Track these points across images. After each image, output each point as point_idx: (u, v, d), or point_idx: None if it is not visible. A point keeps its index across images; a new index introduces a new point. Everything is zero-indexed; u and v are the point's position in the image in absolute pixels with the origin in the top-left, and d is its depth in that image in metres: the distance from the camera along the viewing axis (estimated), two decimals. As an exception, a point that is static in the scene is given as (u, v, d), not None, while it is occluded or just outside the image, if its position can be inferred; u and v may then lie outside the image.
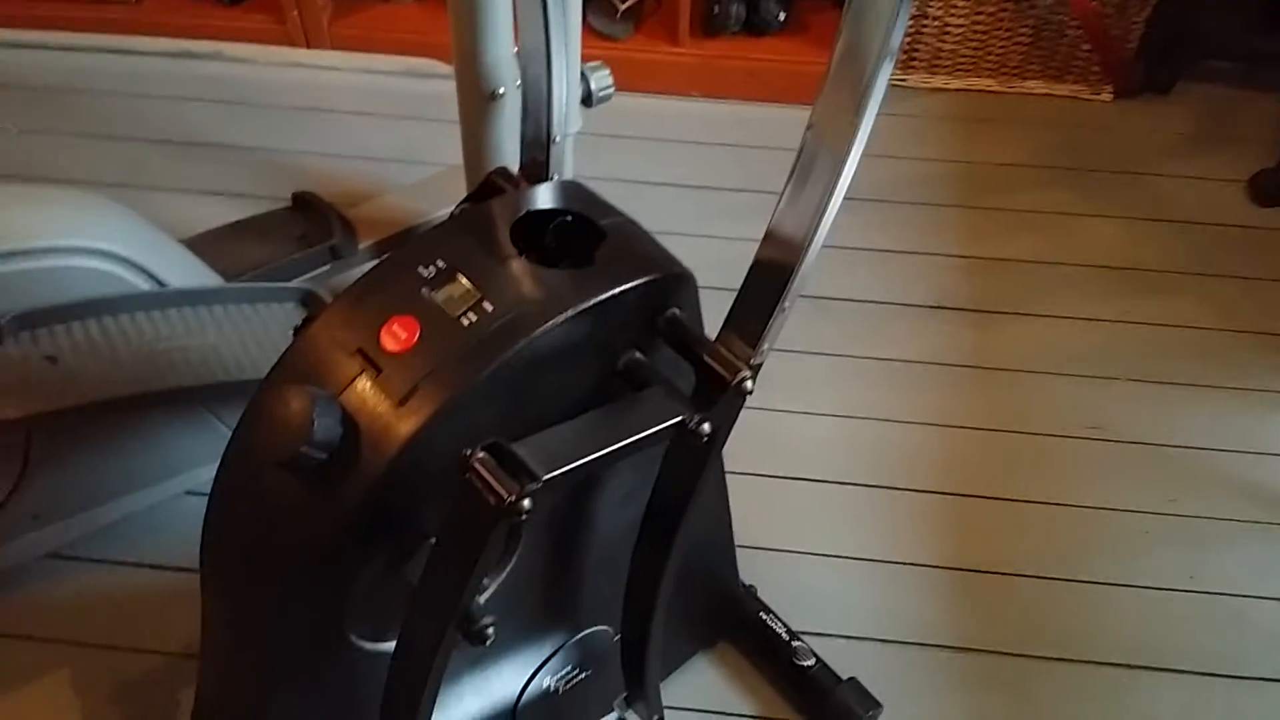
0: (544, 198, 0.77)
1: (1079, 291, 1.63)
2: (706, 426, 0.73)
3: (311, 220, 1.53)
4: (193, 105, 1.90)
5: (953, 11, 1.79)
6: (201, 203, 1.72)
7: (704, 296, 1.63)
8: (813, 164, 0.70)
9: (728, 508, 1.08)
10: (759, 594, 1.27)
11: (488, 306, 0.70)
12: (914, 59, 1.88)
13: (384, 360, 0.69)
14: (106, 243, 1.13)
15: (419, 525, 0.72)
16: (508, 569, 0.84)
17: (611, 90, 1.17)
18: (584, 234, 0.76)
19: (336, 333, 0.72)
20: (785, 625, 1.23)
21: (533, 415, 0.71)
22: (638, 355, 0.77)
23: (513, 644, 0.95)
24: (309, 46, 1.96)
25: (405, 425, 0.67)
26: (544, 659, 0.98)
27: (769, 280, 0.74)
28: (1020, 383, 1.52)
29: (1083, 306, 1.61)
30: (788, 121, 1.88)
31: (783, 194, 0.73)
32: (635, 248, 0.76)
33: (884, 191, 1.77)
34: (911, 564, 1.33)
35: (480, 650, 0.91)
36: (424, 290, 0.71)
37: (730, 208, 1.74)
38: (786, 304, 0.74)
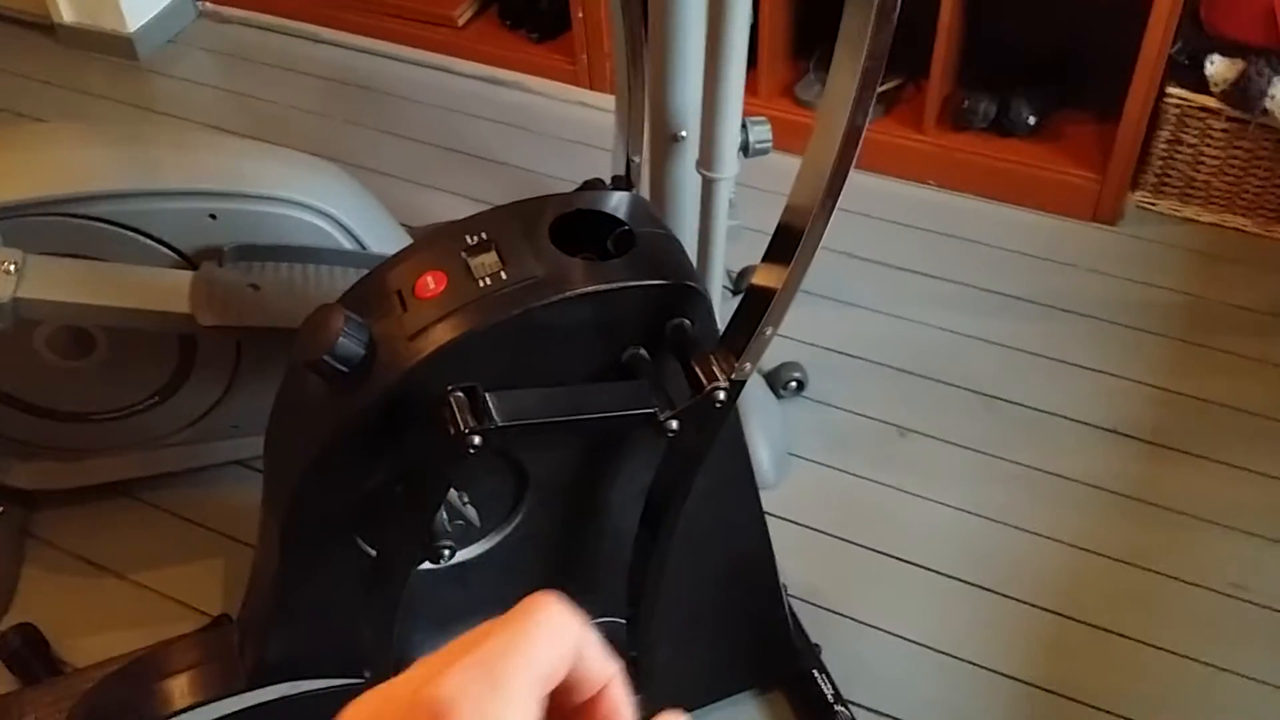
0: (595, 202, 0.87)
1: (1268, 446, 1.52)
2: (674, 424, 0.80)
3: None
4: (484, 123, 2.15)
5: (1209, 142, 1.72)
6: (460, 204, 1.96)
7: (877, 374, 1.71)
8: (795, 214, 0.77)
9: (768, 546, 1.12)
10: (822, 654, 1.28)
11: (504, 275, 0.81)
12: (1165, 185, 1.81)
13: (412, 302, 0.82)
14: (324, 203, 1.34)
15: (413, 448, 0.83)
16: (512, 524, 0.94)
17: (769, 144, 1.25)
18: (622, 237, 0.86)
19: (392, 274, 0.85)
20: (835, 688, 1.25)
21: (534, 379, 0.82)
22: (642, 353, 0.85)
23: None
24: (592, 88, 2.17)
25: (410, 357, 0.80)
26: (559, 630, 1.06)
27: (755, 307, 0.80)
28: (1172, 524, 1.44)
29: (1266, 462, 1.49)
30: (1019, 224, 1.87)
31: (773, 237, 0.80)
32: (659, 256, 0.84)
33: (1099, 309, 1.72)
34: (989, 669, 1.30)
35: (493, 601, 1.01)
36: (462, 254, 0.83)
37: (933, 296, 1.76)
38: (767, 331, 0.80)
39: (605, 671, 0.34)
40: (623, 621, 1.07)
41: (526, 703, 0.30)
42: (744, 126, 1.24)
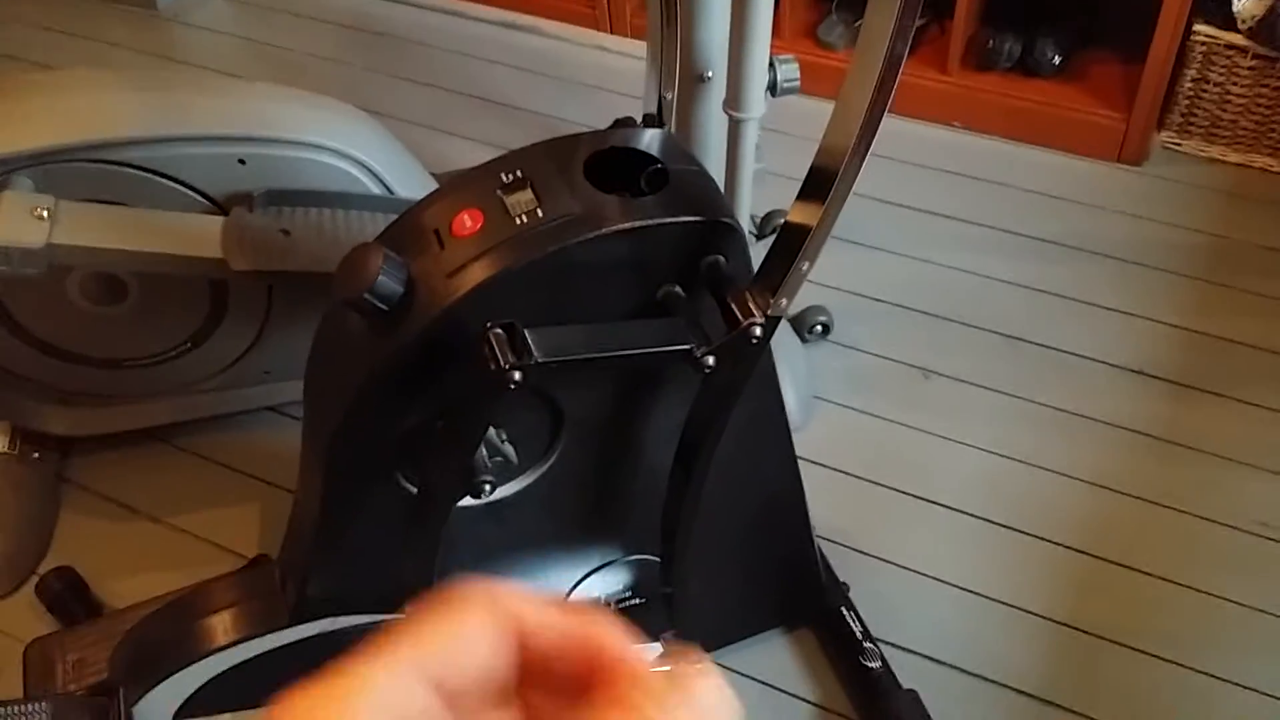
0: (628, 139, 0.87)
1: (1298, 387, 1.52)
2: (711, 359, 0.81)
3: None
4: (502, 69, 2.14)
5: (1235, 80, 1.70)
6: (478, 150, 1.95)
7: (902, 318, 1.70)
8: (830, 154, 0.77)
9: (799, 485, 1.13)
10: (850, 593, 1.30)
11: (540, 213, 0.81)
12: (1191, 124, 1.79)
13: (449, 241, 0.83)
14: (353, 149, 1.34)
15: (453, 385, 0.84)
16: (548, 461, 0.95)
17: (797, 83, 1.25)
18: (655, 174, 0.86)
19: (428, 212, 0.86)
20: (864, 625, 1.26)
21: (570, 316, 0.82)
22: (678, 290, 0.85)
23: (562, 543, 1.06)
24: (611, 32, 2.15)
25: (448, 294, 0.80)
26: (594, 567, 1.08)
27: (791, 243, 0.80)
28: (1199, 463, 1.44)
29: (1295, 403, 1.50)
30: (1044, 165, 1.86)
31: (807, 174, 0.80)
32: (694, 193, 0.85)
33: (1125, 250, 1.72)
34: (1019, 608, 1.32)
35: (530, 538, 1.03)
36: (498, 192, 0.84)
37: (958, 238, 1.75)
38: (804, 266, 0.80)
39: (580, 625, 0.32)
40: (656, 559, 1.08)
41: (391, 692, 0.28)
42: (771, 65, 1.24)
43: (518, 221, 0.81)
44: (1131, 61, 1.82)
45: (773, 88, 1.25)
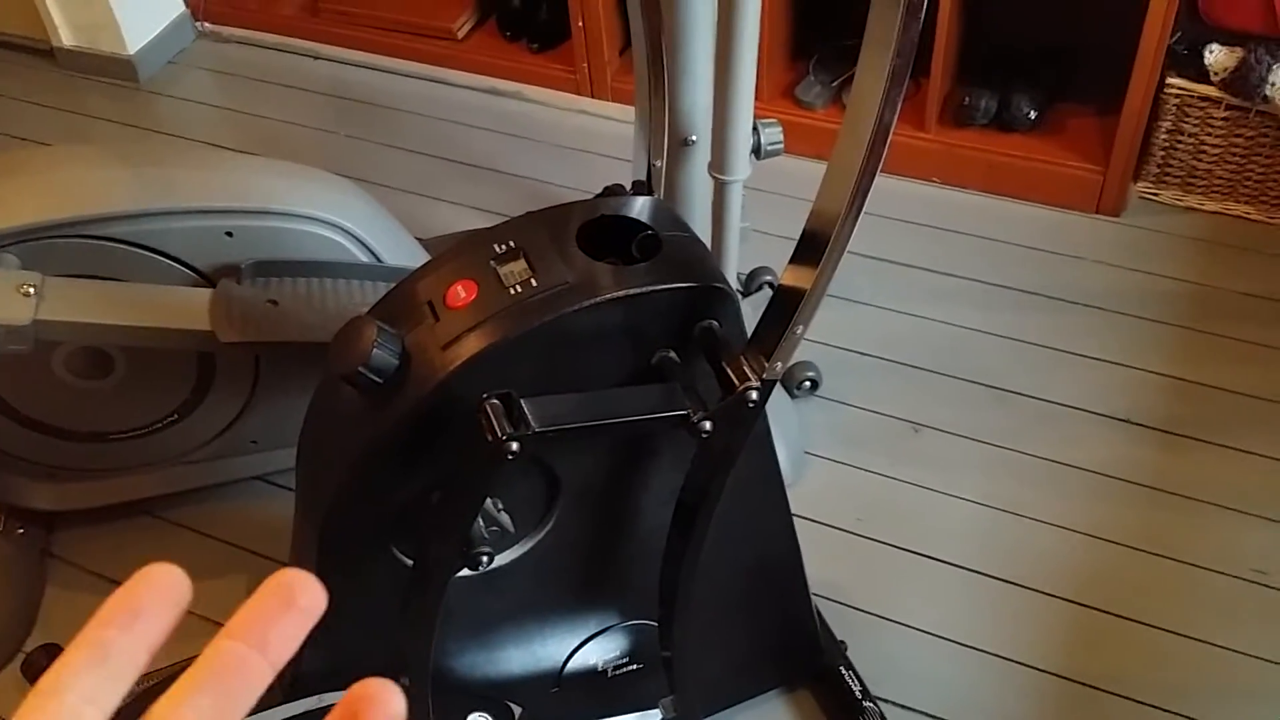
0: (619, 207, 0.88)
1: (1285, 432, 1.53)
2: (708, 424, 0.81)
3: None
4: (485, 134, 2.16)
5: (1210, 130, 1.73)
6: (463, 214, 1.96)
7: (888, 371, 1.71)
8: (821, 218, 0.77)
9: (795, 544, 1.12)
10: (848, 651, 1.29)
11: (534, 282, 0.82)
12: (1167, 174, 1.82)
13: (444, 312, 0.83)
14: (339, 218, 1.35)
15: (449, 457, 0.84)
16: (544, 529, 0.95)
17: (780, 146, 1.26)
18: (647, 241, 0.87)
19: (422, 284, 0.86)
20: (862, 685, 1.25)
21: (566, 384, 0.82)
22: (672, 355, 0.85)
23: (558, 610, 1.05)
24: (593, 96, 2.17)
25: (444, 366, 0.80)
26: (590, 634, 1.07)
27: (785, 306, 0.81)
28: (1191, 511, 1.44)
29: (1282, 447, 1.51)
30: (1024, 218, 1.89)
31: (800, 238, 0.81)
32: (686, 259, 0.85)
33: (1107, 300, 1.73)
34: (1017, 661, 1.31)
35: (526, 606, 1.02)
36: (491, 262, 0.84)
37: (941, 291, 1.77)
38: (798, 330, 0.81)
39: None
40: (653, 623, 1.07)
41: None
42: (755, 129, 1.25)
43: (512, 292, 0.82)
44: (1106, 114, 1.86)
45: (757, 150, 1.26)
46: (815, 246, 0.80)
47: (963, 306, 1.74)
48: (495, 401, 0.78)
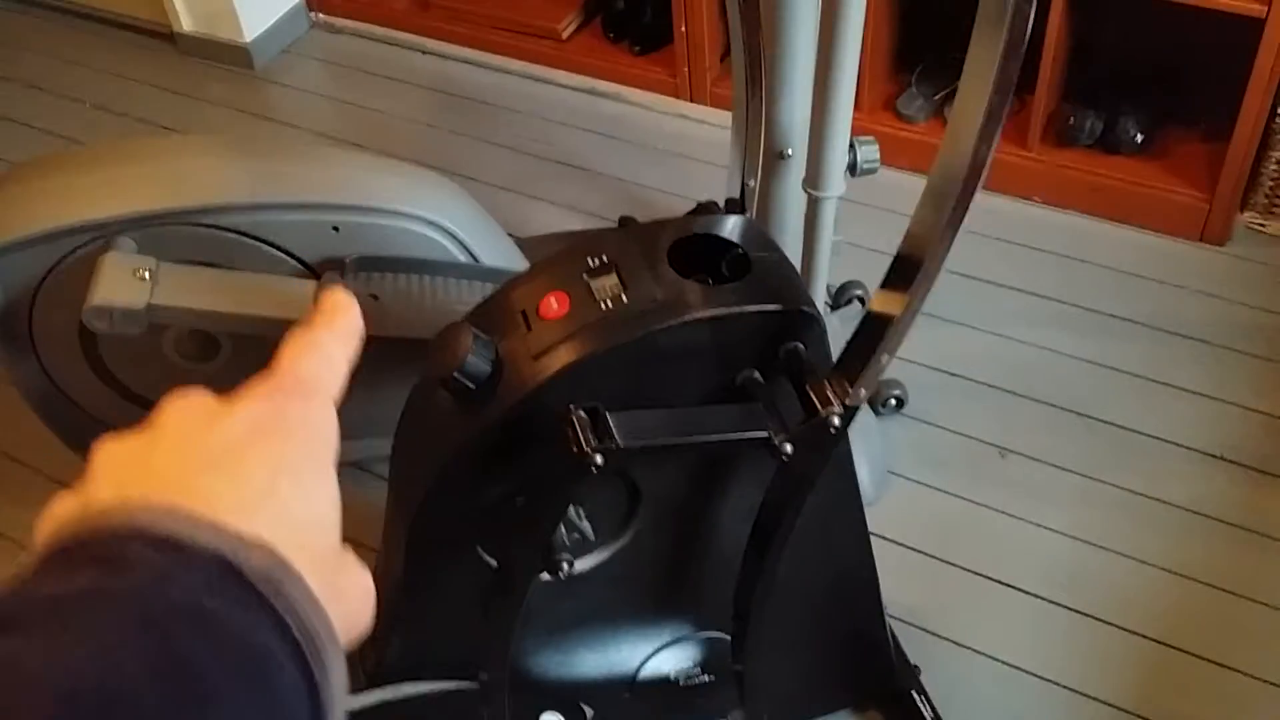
0: (710, 226, 0.89)
1: (1390, 479, 1.48)
2: (789, 447, 0.82)
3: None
4: (584, 134, 2.19)
5: (1324, 161, 1.68)
6: (558, 214, 1.99)
7: (977, 393, 1.69)
8: (915, 242, 0.78)
9: (872, 565, 1.13)
10: (921, 676, 1.29)
11: (624, 298, 0.84)
12: (1276, 205, 1.77)
13: (536, 322, 0.85)
14: (441, 218, 1.38)
15: (535, 464, 0.86)
16: (624, 538, 0.97)
17: (877, 165, 1.26)
18: (737, 261, 0.88)
19: (516, 293, 0.89)
20: (935, 711, 1.25)
21: (650, 399, 0.84)
22: (756, 375, 0.87)
23: (633, 618, 1.07)
24: (692, 100, 2.19)
25: (534, 376, 0.83)
26: (663, 643, 1.09)
27: (873, 333, 0.81)
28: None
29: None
30: (1125, 242, 1.85)
31: (891, 264, 0.81)
32: (774, 281, 0.86)
33: (1206, 331, 1.69)
34: (1091, 697, 1.29)
35: (603, 612, 1.04)
36: (584, 275, 0.86)
37: (1035, 314, 1.74)
38: (884, 358, 0.81)
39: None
40: (726, 636, 1.09)
41: None
42: (852, 146, 1.26)
43: (603, 306, 0.84)
44: (1215, 140, 1.81)
45: (852, 168, 1.26)
46: (906, 274, 0.80)
47: (1056, 330, 1.72)
48: (582, 414, 0.80)
